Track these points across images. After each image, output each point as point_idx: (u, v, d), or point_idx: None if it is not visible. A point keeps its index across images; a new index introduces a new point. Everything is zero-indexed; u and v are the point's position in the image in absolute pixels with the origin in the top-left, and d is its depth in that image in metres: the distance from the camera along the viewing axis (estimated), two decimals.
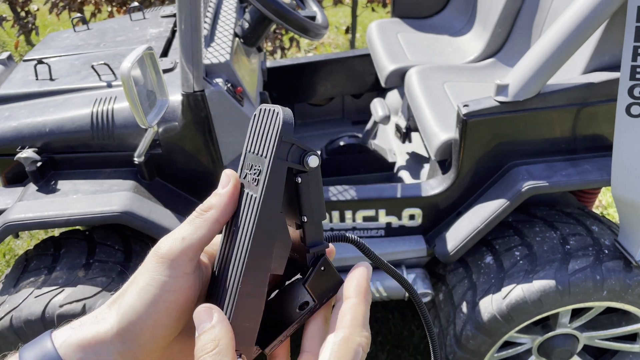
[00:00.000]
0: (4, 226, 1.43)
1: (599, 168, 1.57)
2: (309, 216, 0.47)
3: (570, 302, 1.58)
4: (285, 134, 0.45)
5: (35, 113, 1.59)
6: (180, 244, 0.44)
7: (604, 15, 1.38)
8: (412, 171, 2.19)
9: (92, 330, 0.44)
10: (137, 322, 0.43)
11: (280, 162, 0.45)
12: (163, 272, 0.44)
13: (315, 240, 0.48)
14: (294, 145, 0.45)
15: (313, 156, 0.46)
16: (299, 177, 0.46)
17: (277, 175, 0.45)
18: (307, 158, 0.46)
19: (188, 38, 1.33)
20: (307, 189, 0.46)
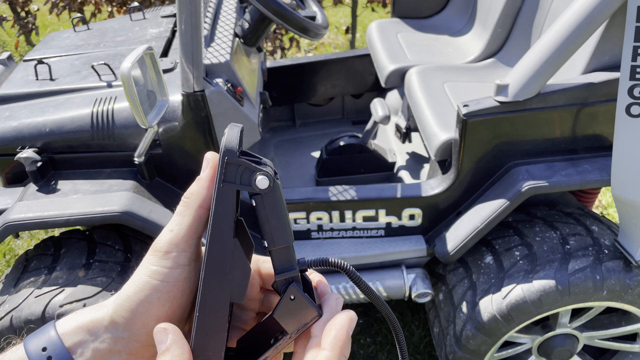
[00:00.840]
0: (4, 226, 1.43)
1: (598, 168, 1.57)
2: (269, 241, 0.44)
3: (570, 302, 1.58)
4: (229, 155, 0.42)
5: (35, 113, 1.59)
6: (169, 235, 0.45)
7: (604, 15, 1.38)
8: (412, 171, 2.19)
9: (90, 315, 0.45)
10: (129, 311, 0.44)
11: (227, 186, 0.43)
12: (155, 263, 0.44)
13: (283, 267, 0.45)
14: (240, 166, 0.42)
15: (262, 176, 0.42)
16: (254, 200, 0.44)
17: (224, 199, 0.42)
18: (254, 178, 0.42)
19: (188, 38, 1.33)
20: (263, 212, 0.43)
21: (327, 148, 2.22)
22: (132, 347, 0.45)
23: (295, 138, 2.61)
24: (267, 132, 2.65)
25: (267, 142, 2.56)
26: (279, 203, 0.44)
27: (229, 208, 0.43)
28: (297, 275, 0.45)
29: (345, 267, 0.47)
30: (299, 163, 2.40)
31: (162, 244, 0.45)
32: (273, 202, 0.43)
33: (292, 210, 1.72)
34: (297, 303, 0.44)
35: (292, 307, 0.44)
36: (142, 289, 0.44)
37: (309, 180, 2.29)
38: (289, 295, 0.44)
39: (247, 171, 0.43)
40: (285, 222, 0.44)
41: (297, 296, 0.44)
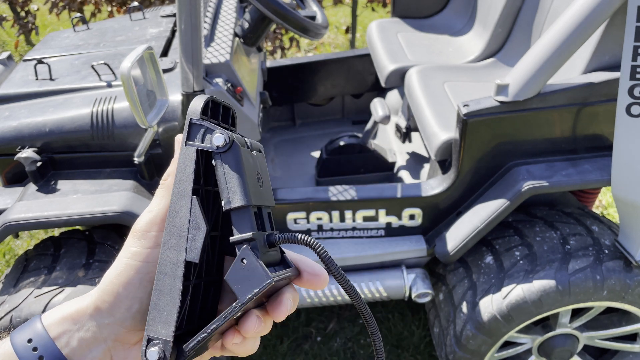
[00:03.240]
0: (4, 226, 1.43)
1: (599, 168, 1.57)
2: (226, 201, 0.43)
3: (571, 302, 1.58)
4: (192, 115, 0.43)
5: (35, 113, 1.59)
6: (148, 216, 0.45)
7: (604, 15, 1.38)
8: (412, 171, 2.19)
9: (75, 306, 0.45)
10: (112, 294, 0.44)
11: (189, 145, 0.43)
12: (135, 244, 0.44)
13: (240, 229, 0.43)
14: (203, 127, 0.43)
15: (219, 134, 0.43)
16: (214, 160, 0.44)
17: (185, 157, 0.43)
18: (211, 136, 0.43)
19: (188, 38, 1.33)
20: (221, 171, 0.43)
21: (327, 148, 2.22)
22: (117, 333, 0.45)
23: (295, 138, 2.61)
24: (267, 132, 2.65)
25: (267, 142, 2.56)
26: (239, 161, 0.43)
27: (189, 167, 0.43)
28: (250, 238, 0.43)
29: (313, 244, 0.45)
30: (299, 163, 2.40)
31: (141, 224, 0.45)
32: (234, 160, 0.43)
33: (292, 210, 1.72)
34: (248, 267, 0.42)
35: (243, 271, 0.42)
36: (123, 272, 0.44)
37: (309, 180, 2.29)
38: (240, 258, 0.42)
39: (208, 131, 0.43)
40: (243, 182, 0.43)
41: (249, 260, 0.42)
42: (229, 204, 0.43)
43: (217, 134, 0.43)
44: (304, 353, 2.20)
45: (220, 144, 0.43)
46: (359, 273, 1.81)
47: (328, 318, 2.35)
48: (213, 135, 0.43)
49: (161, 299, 0.42)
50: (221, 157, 0.43)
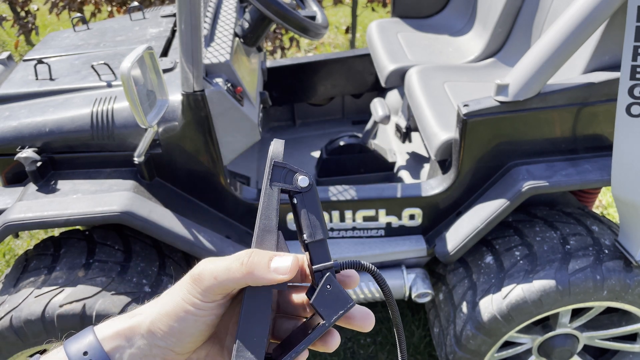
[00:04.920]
0: (4, 226, 1.43)
1: (599, 168, 1.57)
2: (308, 235, 0.49)
3: (571, 302, 1.58)
4: (276, 157, 0.50)
5: (35, 113, 1.59)
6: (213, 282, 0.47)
7: (604, 15, 1.38)
8: (412, 171, 2.19)
9: (127, 322, 0.48)
10: (167, 326, 0.47)
11: (273, 185, 0.49)
12: (196, 295, 0.47)
13: (320, 259, 0.49)
14: (284, 168, 0.50)
15: (302, 176, 0.49)
16: (295, 198, 0.50)
17: (270, 196, 0.49)
18: (297, 178, 0.49)
19: (188, 38, 1.33)
20: (303, 208, 0.49)
21: (327, 148, 2.22)
22: (166, 355, 0.48)
23: (295, 138, 2.61)
24: (267, 132, 2.65)
25: (267, 142, 2.56)
26: (317, 201, 0.50)
27: (273, 203, 0.49)
28: (332, 266, 0.49)
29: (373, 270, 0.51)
30: (299, 163, 2.40)
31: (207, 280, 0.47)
32: (311, 200, 0.50)
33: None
34: (333, 292, 0.47)
35: (328, 296, 0.47)
36: (180, 312, 0.47)
37: None
38: (326, 284, 0.47)
39: (290, 173, 0.50)
40: (322, 218, 0.50)
41: (334, 285, 0.48)
42: (312, 237, 0.49)
43: (302, 176, 0.50)
44: None
45: (305, 185, 0.50)
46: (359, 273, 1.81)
47: None
48: (298, 177, 0.50)
49: (251, 325, 0.47)
50: (303, 196, 0.50)
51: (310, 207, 0.49)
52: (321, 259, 0.49)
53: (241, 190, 1.71)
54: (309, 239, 0.49)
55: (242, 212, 1.71)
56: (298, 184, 0.49)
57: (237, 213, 1.71)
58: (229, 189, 1.65)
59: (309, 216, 0.49)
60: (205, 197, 1.67)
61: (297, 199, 0.49)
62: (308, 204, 0.49)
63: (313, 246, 0.49)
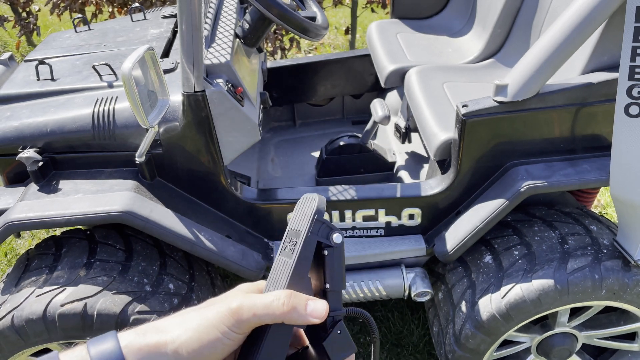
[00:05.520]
0: (6, 226, 1.44)
1: (597, 168, 1.58)
2: (331, 284, 0.56)
3: (569, 301, 1.58)
4: (319, 214, 0.56)
5: (36, 113, 1.60)
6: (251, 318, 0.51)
7: (603, 16, 1.39)
8: (411, 171, 2.20)
9: (153, 339, 0.50)
10: (194, 349, 0.50)
11: (313, 236, 0.56)
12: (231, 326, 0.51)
13: (335, 307, 0.55)
14: (324, 224, 0.57)
15: (338, 234, 0.57)
16: (326, 250, 0.56)
17: (309, 246, 0.55)
18: (332, 235, 0.57)
19: (189, 38, 1.34)
20: (332, 261, 0.56)
21: (327, 148, 2.23)
22: None
23: (295, 138, 2.62)
24: (267, 132, 2.66)
25: (267, 142, 2.57)
26: (343, 256, 0.57)
27: (310, 252, 0.56)
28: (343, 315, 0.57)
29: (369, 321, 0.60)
30: (299, 163, 2.41)
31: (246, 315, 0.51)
32: (340, 255, 0.57)
33: (292, 210, 1.72)
34: (343, 338, 0.55)
35: (338, 340, 0.55)
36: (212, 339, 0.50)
37: (309, 180, 2.30)
38: (337, 330, 0.55)
39: (326, 228, 0.57)
40: (344, 271, 0.57)
41: (343, 332, 0.55)
42: (333, 287, 0.56)
43: (337, 233, 0.57)
44: None
45: (339, 242, 0.57)
46: (359, 272, 1.82)
47: None
48: (333, 234, 0.57)
49: (270, 357, 0.53)
50: (334, 250, 0.57)
51: (338, 261, 0.57)
52: (335, 307, 0.56)
53: (241, 190, 1.72)
54: (331, 288, 0.56)
55: (242, 211, 1.72)
56: (333, 240, 0.56)
57: (237, 213, 1.72)
58: (230, 188, 1.66)
59: (334, 269, 0.56)
60: (206, 196, 1.68)
61: (328, 252, 0.56)
62: (336, 258, 0.57)
63: (331, 295, 0.56)
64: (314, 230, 0.56)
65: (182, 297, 1.58)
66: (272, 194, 1.73)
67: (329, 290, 0.56)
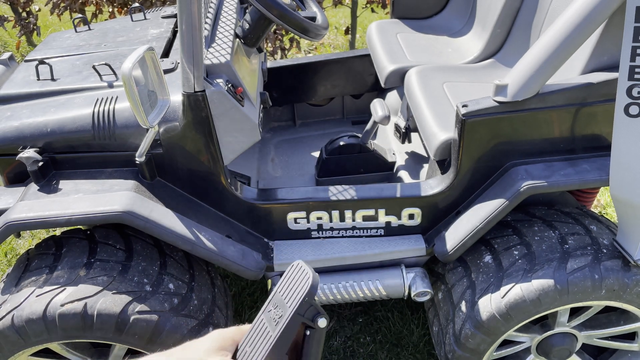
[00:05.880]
0: (6, 226, 1.44)
1: (597, 168, 1.58)
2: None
3: (569, 301, 1.58)
4: (310, 296, 0.57)
5: (36, 113, 1.60)
6: None
7: (603, 16, 1.39)
8: (411, 171, 2.20)
9: None
10: None
11: (298, 316, 0.57)
12: None
13: None
14: (312, 306, 0.58)
15: (323, 318, 0.58)
16: (308, 331, 0.58)
17: (293, 325, 0.57)
18: (318, 319, 0.58)
19: (189, 38, 1.34)
20: (311, 343, 0.58)
21: (327, 148, 2.23)
22: None
23: (295, 138, 2.62)
24: (267, 132, 2.66)
25: (267, 142, 2.57)
26: (323, 338, 0.60)
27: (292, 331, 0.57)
28: None
29: None
30: (299, 163, 2.41)
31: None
32: (320, 338, 0.59)
33: (292, 210, 1.73)
34: None
35: None
36: None
37: (309, 180, 2.30)
38: None
39: (314, 310, 0.58)
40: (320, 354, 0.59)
41: None
42: None
43: (323, 318, 0.58)
44: None
45: (322, 327, 0.59)
46: (359, 272, 1.82)
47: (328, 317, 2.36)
48: (319, 318, 0.58)
49: None
50: (316, 332, 0.58)
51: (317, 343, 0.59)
52: None
53: (242, 190, 1.72)
54: None
55: (242, 211, 1.72)
56: (318, 324, 0.58)
57: (237, 213, 1.72)
58: (230, 188, 1.66)
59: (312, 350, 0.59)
60: (206, 196, 1.68)
61: (310, 333, 0.59)
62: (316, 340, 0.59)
63: None
64: (301, 310, 0.57)
65: (182, 297, 1.58)
66: (272, 194, 1.73)
67: None
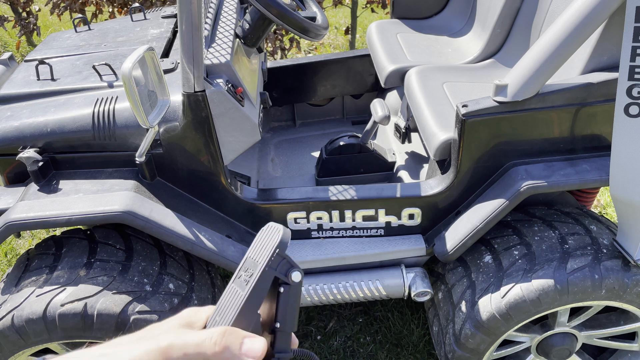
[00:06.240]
0: (6, 225, 1.44)
1: (597, 168, 1.58)
2: (282, 324, 0.53)
3: (569, 301, 1.58)
4: (281, 248, 0.53)
5: (36, 113, 1.60)
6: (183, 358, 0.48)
7: (603, 16, 1.39)
8: (411, 171, 2.20)
9: None
10: None
11: (270, 271, 0.53)
12: None
13: (282, 348, 0.53)
14: (284, 259, 0.54)
15: (297, 272, 0.54)
16: (282, 287, 0.54)
17: (264, 280, 0.52)
18: (291, 272, 0.54)
19: (189, 38, 1.34)
20: (286, 300, 0.54)
21: (327, 148, 2.23)
22: None
23: (295, 138, 2.62)
24: (267, 132, 2.66)
25: (267, 142, 2.57)
26: (299, 296, 0.55)
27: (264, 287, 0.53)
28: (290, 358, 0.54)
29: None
30: (299, 163, 2.41)
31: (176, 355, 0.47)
32: (295, 294, 0.54)
33: (292, 210, 1.73)
34: None
35: None
36: None
37: (309, 180, 2.30)
38: None
39: (287, 264, 0.54)
40: (297, 312, 0.55)
41: None
42: (283, 327, 0.54)
43: (297, 272, 0.54)
44: None
45: (297, 281, 0.54)
46: (359, 272, 1.82)
47: (328, 317, 2.36)
48: (293, 271, 0.54)
49: None
50: (290, 288, 0.54)
51: (293, 300, 0.54)
52: (282, 348, 0.54)
53: (242, 190, 1.72)
54: (281, 328, 0.54)
55: (242, 211, 1.72)
56: (292, 278, 0.54)
57: (237, 213, 1.72)
58: (230, 188, 1.66)
59: (287, 308, 0.54)
60: (206, 196, 1.68)
61: (284, 289, 0.54)
62: (291, 297, 0.54)
63: (280, 335, 0.54)
64: (273, 264, 0.53)
65: (182, 297, 1.58)
66: (272, 194, 1.73)
67: (278, 330, 0.53)
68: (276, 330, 0.53)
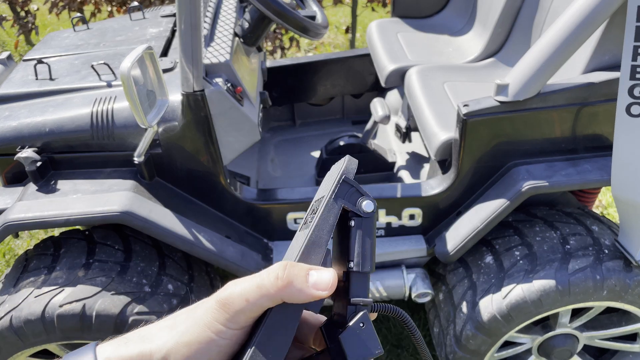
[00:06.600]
0: (4, 226, 1.43)
1: (599, 168, 1.57)
2: (356, 263, 0.45)
3: (570, 301, 1.58)
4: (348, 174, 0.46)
5: (35, 113, 1.59)
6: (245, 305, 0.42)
7: (604, 15, 1.38)
8: (412, 171, 2.19)
9: (137, 349, 0.43)
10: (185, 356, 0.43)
11: (338, 200, 0.45)
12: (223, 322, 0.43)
13: (359, 293, 0.45)
14: (352, 187, 0.45)
15: (368, 201, 0.45)
16: (353, 221, 0.45)
17: (332, 211, 0.44)
18: (362, 202, 0.45)
19: (188, 38, 1.33)
20: (359, 235, 0.45)
21: (327, 148, 2.22)
22: None
23: (295, 138, 2.61)
24: (267, 132, 2.65)
25: (267, 142, 2.56)
26: (374, 230, 0.46)
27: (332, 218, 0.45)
28: (370, 304, 0.45)
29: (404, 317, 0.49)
30: (299, 163, 2.40)
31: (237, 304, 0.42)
32: (369, 228, 0.45)
33: (292, 210, 1.72)
34: (366, 332, 0.43)
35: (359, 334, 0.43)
36: (203, 342, 0.43)
37: (309, 180, 2.29)
38: (359, 322, 0.43)
39: (356, 193, 0.46)
40: (374, 250, 0.45)
41: (367, 325, 0.44)
42: (359, 267, 0.44)
43: (368, 200, 0.45)
44: None
45: (369, 211, 0.45)
46: None
47: None
48: (363, 200, 0.45)
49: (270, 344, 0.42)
50: (362, 221, 0.45)
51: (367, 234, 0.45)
52: (360, 293, 0.45)
53: (241, 190, 1.71)
54: (356, 268, 0.44)
55: (242, 211, 1.71)
56: (362, 207, 0.45)
57: (237, 213, 1.71)
58: (229, 188, 1.65)
59: (363, 244, 0.45)
60: (206, 197, 1.67)
61: (356, 222, 0.45)
62: (365, 231, 0.45)
63: (356, 277, 0.44)
64: (340, 193, 0.45)
65: (181, 298, 1.57)
66: (271, 194, 1.72)
67: (352, 271, 0.44)
68: (350, 272, 0.44)
